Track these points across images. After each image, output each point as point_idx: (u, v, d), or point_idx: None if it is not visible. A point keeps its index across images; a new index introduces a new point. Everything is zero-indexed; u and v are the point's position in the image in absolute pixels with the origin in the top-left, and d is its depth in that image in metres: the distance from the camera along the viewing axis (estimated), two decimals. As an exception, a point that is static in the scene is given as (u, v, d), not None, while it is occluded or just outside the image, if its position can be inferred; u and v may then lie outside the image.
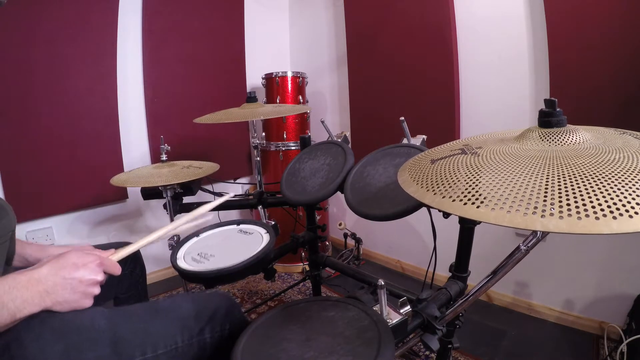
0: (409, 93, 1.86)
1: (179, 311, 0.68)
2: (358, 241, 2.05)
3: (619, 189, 0.39)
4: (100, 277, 0.62)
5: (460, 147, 0.63)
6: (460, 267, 0.87)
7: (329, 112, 2.48)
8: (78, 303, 0.58)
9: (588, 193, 0.40)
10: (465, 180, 0.50)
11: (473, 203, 0.45)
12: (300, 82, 2.15)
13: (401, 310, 0.70)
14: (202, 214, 0.86)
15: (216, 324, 0.69)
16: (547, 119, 0.55)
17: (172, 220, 1.45)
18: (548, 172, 0.45)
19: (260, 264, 0.90)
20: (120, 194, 1.94)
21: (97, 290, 0.61)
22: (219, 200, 0.92)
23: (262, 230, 1.00)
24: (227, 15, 2.24)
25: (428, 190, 0.52)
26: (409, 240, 2.08)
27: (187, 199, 1.51)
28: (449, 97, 1.71)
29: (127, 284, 1.00)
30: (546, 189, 0.42)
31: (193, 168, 1.42)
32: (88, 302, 0.59)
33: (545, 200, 0.41)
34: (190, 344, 0.65)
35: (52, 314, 0.56)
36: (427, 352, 1.37)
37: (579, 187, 0.41)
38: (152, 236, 0.77)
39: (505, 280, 0.92)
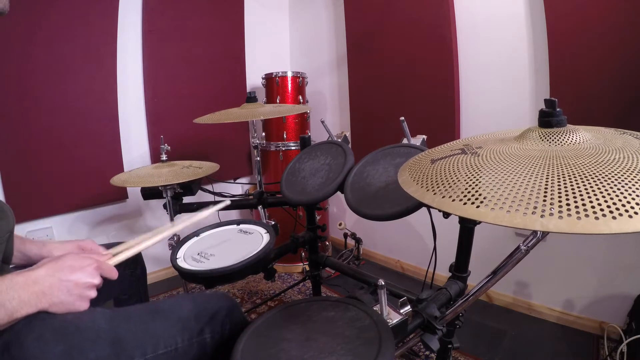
0: (409, 93, 1.86)
1: (179, 312, 0.67)
2: (358, 241, 2.05)
3: (618, 189, 0.39)
4: (97, 280, 0.62)
5: (460, 147, 0.63)
6: (460, 267, 0.87)
7: (329, 112, 2.48)
8: (74, 305, 0.58)
9: (588, 193, 0.40)
10: (465, 180, 0.50)
11: (473, 203, 0.45)
12: (300, 82, 2.15)
13: (401, 310, 0.70)
14: (201, 219, 0.88)
15: (216, 325, 0.69)
16: (547, 119, 0.55)
17: (172, 220, 1.45)
18: (548, 172, 0.45)
19: (260, 264, 0.90)
20: (120, 194, 1.94)
21: (93, 293, 0.61)
22: (218, 206, 0.93)
23: (262, 230, 1.00)
24: (227, 15, 2.24)
25: (428, 190, 0.52)
26: (409, 240, 2.08)
27: (187, 199, 1.51)
28: (449, 97, 1.71)
29: (127, 285, 1.00)
30: (546, 189, 0.42)
31: (193, 168, 1.42)
32: (84, 305, 0.60)
33: (545, 200, 0.41)
34: (190, 344, 0.65)
35: (53, 314, 0.56)
36: (427, 352, 1.37)
37: (578, 187, 0.41)
38: (151, 240, 0.77)
39: (505, 280, 0.92)
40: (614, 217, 0.37)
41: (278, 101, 2.13)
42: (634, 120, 1.22)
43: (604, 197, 0.39)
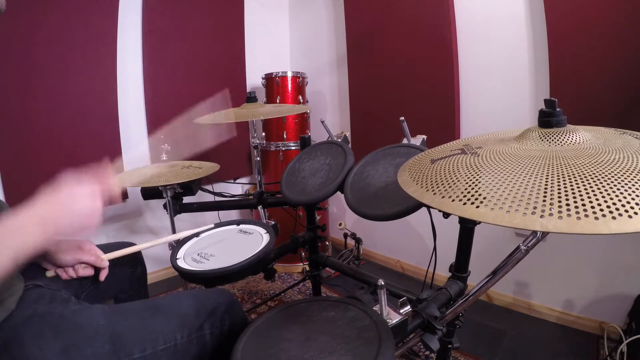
0: (409, 93, 1.86)
1: (178, 308, 0.68)
2: (358, 241, 2.05)
3: (618, 189, 0.39)
4: (100, 203, 0.60)
5: (460, 147, 0.63)
6: (460, 267, 0.87)
7: (329, 112, 2.48)
8: (83, 222, 0.56)
9: (587, 193, 0.40)
10: (465, 180, 0.50)
11: (472, 203, 0.45)
12: (300, 82, 2.15)
13: (401, 310, 0.70)
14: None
15: (216, 321, 0.69)
16: (547, 119, 0.55)
17: (172, 220, 1.45)
18: (548, 172, 0.45)
19: (260, 264, 0.90)
20: (120, 194, 1.94)
21: (99, 204, 0.59)
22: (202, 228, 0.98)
23: (262, 230, 1.00)
24: (227, 15, 2.24)
25: (428, 190, 0.52)
26: (409, 240, 2.08)
27: (187, 199, 1.51)
28: (449, 97, 1.71)
29: (127, 284, 0.99)
30: (546, 189, 0.42)
31: (193, 168, 1.42)
32: (94, 221, 0.57)
33: (544, 201, 0.41)
34: (189, 340, 0.65)
35: (51, 311, 0.56)
36: (427, 352, 1.37)
37: (578, 188, 0.41)
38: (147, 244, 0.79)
39: (505, 280, 0.92)
40: (613, 217, 0.37)
41: (278, 101, 2.13)
42: (634, 120, 1.22)
43: (603, 197, 0.39)
